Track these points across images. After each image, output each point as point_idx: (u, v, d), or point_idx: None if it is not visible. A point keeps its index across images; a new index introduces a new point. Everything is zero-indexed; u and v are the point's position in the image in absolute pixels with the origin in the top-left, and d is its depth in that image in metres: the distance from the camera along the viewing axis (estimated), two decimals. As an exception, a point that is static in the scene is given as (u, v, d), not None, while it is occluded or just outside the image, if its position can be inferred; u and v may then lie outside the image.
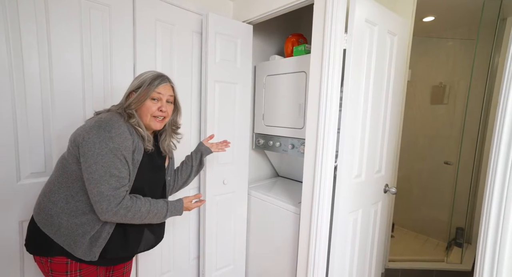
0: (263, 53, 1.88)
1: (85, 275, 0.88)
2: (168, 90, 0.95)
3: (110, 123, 0.80)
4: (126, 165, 0.82)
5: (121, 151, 0.80)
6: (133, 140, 0.85)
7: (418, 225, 2.64)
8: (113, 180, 0.79)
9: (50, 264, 0.85)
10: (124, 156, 0.81)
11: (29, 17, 1.01)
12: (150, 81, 0.90)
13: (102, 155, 0.77)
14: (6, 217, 1.04)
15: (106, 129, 0.79)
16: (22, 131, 1.04)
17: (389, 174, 1.55)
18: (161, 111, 0.92)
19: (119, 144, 0.79)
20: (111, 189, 0.79)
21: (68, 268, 0.85)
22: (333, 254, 1.27)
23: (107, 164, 0.78)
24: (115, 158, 0.79)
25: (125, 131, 0.82)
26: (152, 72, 0.94)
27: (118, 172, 0.80)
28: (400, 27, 1.43)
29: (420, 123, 2.58)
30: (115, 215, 0.81)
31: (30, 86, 1.04)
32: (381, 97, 1.38)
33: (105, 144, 0.78)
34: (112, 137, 0.78)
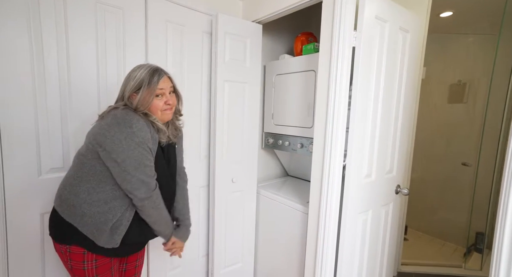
0: (273, 52, 1.88)
1: (100, 265, 0.92)
2: (167, 82, 0.97)
3: (128, 119, 0.84)
4: (151, 155, 0.90)
5: (146, 143, 0.87)
6: (151, 132, 0.89)
7: (434, 228, 2.55)
8: (147, 169, 0.88)
9: (69, 254, 0.90)
10: (149, 147, 0.88)
11: (49, 19, 1.07)
12: (149, 80, 0.91)
13: (132, 150, 0.84)
14: (28, 209, 1.11)
15: (126, 125, 0.83)
16: (42, 129, 1.11)
17: (401, 174, 1.51)
18: (168, 104, 0.96)
19: (142, 138, 0.85)
20: (148, 177, 0.88)
21: (84, 258, 0.90)
22: (341, 255, 1.26)
23: (139, 156, 0.85)
24: (144, 151, 0.86)
25: (144, 125, 0.87)
26: (144, 68, 0.93)
27: (149, 162, 0.89)
28: (413, 23, 1.39)
29: (436, 123, 2.49)
30: (151, 199, 0.90)
31: (50, 85, 1.11)
32: (393, 96, 1.35)
33: (130, 140, 0.83)
34: (134, 132, 0.84)
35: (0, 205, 1.04)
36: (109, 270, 0.95)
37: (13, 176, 1.06)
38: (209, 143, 1.61)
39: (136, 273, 1.15)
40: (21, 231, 1.10)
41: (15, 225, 1.08)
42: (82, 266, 0.90)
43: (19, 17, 1.01)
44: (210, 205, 1.61)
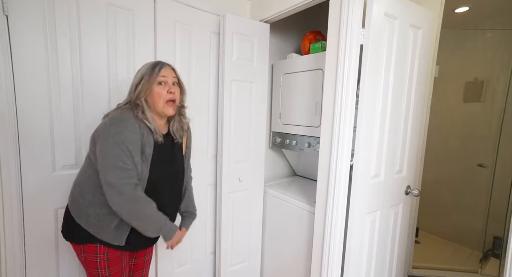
0: (281, 51, 1.87)
1: (111, 258, 0.95)
2: (170, 72, 0.97)
3: (119, 118, 0.86)
4: (131, 158, 0.85)
5: (126, 144, 0.83)
6: (142, 133, 0.88)
7: (448, 232, 2.46)
8: (118, 171, 0.83)
9: (83, 247, 0.94)
10: (128, 149, 0.84)
11: (63, 23, 1.12)
12: (151, 70, 0.93)
13: (108, 149, 0.83)
14: (43, 204, 1.16)
15: (115, 123, 0.85)
16: (56, 127, 1.15)
17: (411, 175, 1.47)
18: (171, 92, 0.95)
19: (125, 138, 0.83)
20: (117, 179, 0.83)
21: (97, 251, 0.93)
22: (348, 256, 1.24)
23: (113, 156, 0.83)
24: (120, 151, 0.83)
25: (133, 125, 0.86)
26: (148, 63, 0.97)
27: (123, 164, 0.83)
28: (425, 20, 1.34)
29: (450, 122, 2.40)
30: (122, 205, 0.85)
31: (64, 87, 1.15)
32: (402, 95, 1.31)
33: (112, 138, 0.83)
34: (119, 131, 0.83)
35: (18, 200, 1.09)
36: (120, 263, 0.98)
37: (29, 173, 1.11)
38: (216, 142, 1.63)
39: (144, 268, 1.18)
40: (36, 224, 1.15)
41: (31, 219, 1.14)
42: (94, 259, 0.94)
43: (35, 21, 1.06)
44: (217, 204, 1.63)
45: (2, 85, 1.01)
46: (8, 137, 1.04)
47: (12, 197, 1.08)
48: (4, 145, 1.04)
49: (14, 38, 1.03)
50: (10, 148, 1.05)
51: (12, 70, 1.04)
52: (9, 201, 1.07)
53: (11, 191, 1.07)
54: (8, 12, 1.00)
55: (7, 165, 1.05)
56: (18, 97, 1.06)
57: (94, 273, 0.95)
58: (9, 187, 1.06)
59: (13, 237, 1.09)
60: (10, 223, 1.08)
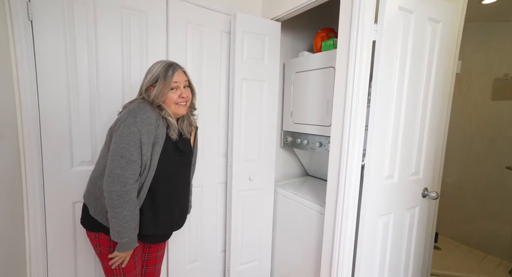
0: (293, 50, 1.85)
1: None
2: (182, 76, 1.00)
3: (137, 110, 0.89)
4: (139, 149, 0.88)
5: (140, 135, 0.86)
6: (158, 125, 0.92)
7: (473, 239, 2.31)
8: (122, 161, 0.86)
9: (98, 240, 0.99)
10: (140, 140, 0.87)
11: (81, 25, 1.18)
12: (165, 73, 0.95)
13: (121, 137, 0.86)
14: (62, 198, 1.23)
15: (133, 115, 0.88)
16: (74, 125, 1.22)
17: (429, 176, 1.40)
18: (182, 97, 0.99)
19: (139, 129, 0.86)
20: (118, 168, 0.86)
21: (111, 244, 0.98)
22: (359, 259, 1.20)
23: (122, 146, 0.86)
24: (130, 141, 0.86)
25: (150, 117, 0.89)
26: (161, 63, 0.99)
27: (129, 155, 0.86)
28: (446, 12, 1.27)
29: (476, 122, 2.25)
30: (110, 194, 0.86)
31: (81, 86, 1.21)
32: (419, 92, 1.25)
33: (127, 128, 0.86)
34: (136, 121, 0.87)
35: (40, 193, 1.17)
36: (133, 257, 1.02)
37: (50, 168, 1.18)
38: (227, 140, 1.64)
39: (156, 263, 1.21)
40: (56, 217, 1.22)
41: (51, 212, 1.21)
42: (109, 252, 0.98)
43: (56, 26, 1.13)
44: (227, 202, 1.64)
45: (27, 86, 1.08)
46: (32, 136, 1.12)
47: (35, 192, 1.15)
48: (28, 143, 1.11)
49: (38, 41, 1.10)
50: (34, 146, 1.13)
51: (35, 71, 1.11)
52: (32, 196, 1.15)
53: (34, 187, 1.15)
54: (32, 17, 1.07)
55: (31, 162, 1.13)
56: (40, 97, 1.13)
57: (108, 265, 0.99)
58: (33, 182, 1.14)
59: (36, 228, 1.17)
60: (33, 216, 1.16)
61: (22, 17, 1.04)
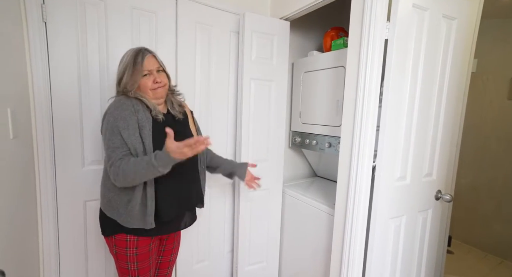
0: (302, 49, 1.83)
1: (140, 253, 0.99)
2: (153, 62, 0.97)
3: (112, 104, 0.93)
4: (119, 135, 0.89)
5: (116, 122, 0.88)
6: (136, 110, 0.91)
7: (488, 243, 2.24)
8: (109, 151, 0.90)
9: (114, 240, 0.99)
10: (118, 127, 0.88)
11: (93, 26, 1.20)
12: (134, 61, 0.93)
13: (103, 131, 0.91)
14: (74, 197, 1.25)
15: (109, 108, 0.92)
16: (86, 125, 1.24)
17: (442, 178, 1.36)
18: (157, 82, 0.96)
19: (115, 117, 0.89)
20: (108, 160, 0.91)
21: (127, 245, 0.98)
22: (370, 263, 1.17)
23: (106, 138, 0.90)
24: (110, 131, 0.89)
25: (124, 103, 0.90)
26: (129, 51, 0.97)
27: (112, 144, 0.89)
28: (461, 9, 1.23)
29: (492, 122, 2.18)
30: (115, 181, 0.90)
31: (92, 86, 1.23)
32: (433, 92, 1.22)
33: (106, 122, 0.90)
34: (111, 112, 0.90)
35: (52, 192, 1.19)
36: (148, 259, 1.02)
37: (62, 167, 1.20)
38: (235, 140, 1.64)
39: (169, 267, 1.21)
40: (68, 215, 1.24)
41: (63, 210, 1.23)
42: (125, 252, 0.98)
43: (69, 26, 1.15)
44: (235, 203, 1.64)
45: (41, 86, 1.11)
46: (45, 135, 1.14)
47: (48, 191, 1.17)
48: (42, 143, 1.14)
49: (51, 42, 1.12)
50: (47, 145, 1.15)
51: (49, 72, 1.13)
52: (45, 194, 1.17)
53: (47, 185, 1.17)
54: (46, 19, 1.09)
55: (44, 161, 1.15)
56: (53, 97, 1.15)
57: (123, 265, 0.99)
58: (46, 181, 1.16)
59: (49, 227, 1.19)
60: (46, 214, 1.18)
61: (36, 19, 1.07)
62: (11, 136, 0.89)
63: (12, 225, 0.91)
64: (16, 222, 0.96)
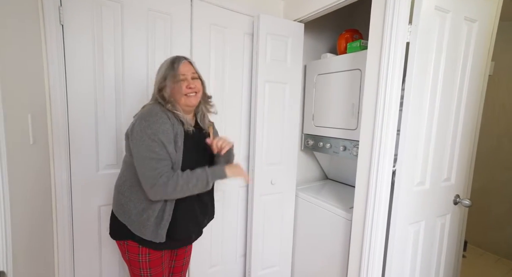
0: (314, 51, 1.82)
1: (152, 259, 0.98)
2: (188, 68, 0.97)
3: (148, 113, 0.89)
4: (164, 148, 0.87)
5: (158, 135, 0.86)
6: (173, 124, 0.90)
7: (501, 247, 2.21)
8: (153, 163, 0.86)
9: (127, 246, 0.97)
10: (161, 140, 0.86)
11: (109, 29, 1.19)
12: (171, 68, 0.94)
13: (142, 142, 0.86)
14: (89, 201, 1.24)
15: (145, 118, 0.87)
16: (101, 129, 1.22)
17: (461, 183, 1.34)
18: (190, 88, 0.95)
19: (155, 130, 0.86)
20: (151, 170, 0.86)
21: (139, 251, 0.96)
22: (389, 269, 1.16)
23: (146, 148, 0.86)
24: (153, 142, 0.86)
25: (162, 117, 0.88)
26: (166, 61, 0.98)
27: (156, 155, 0.86)
28: (482, 11, 1.21)
29: (504, 125, 2.15)
30: (156, 194, 0.87)
31: (107, 90, 1.22)
32: (453, 95, 1.20)
33: (144, 132, 0.86)
34: (149, 124, 0.86)
35: (68, 196, 1.17)
36: (161, 265, 1.01)
37: (77, 171, 1.19)
38: (248, 143, 1.62)
39: (182, 271, 1.19)
40: (83, 220, 1.23)
41: (78, 215, 1.22)
42: (137, 258, 0.97)
43: (85, 29, 1.14)
44: (249, 206, 1.62)
45: (57, 90, 1.09)
46: (61, 139, 1.13)
47: (63, 195, 1.16)
48: (58, 147, 1.12)
49: (68, 45, 1.11)
50: (62, 150, 1.14)
51: (65, 76, 1.12)
52: (61, 199, 1.16)
53: (63, 190, 1.16)
54: (63, 22, 1.08)
55: (60, 166, 1.14)
56: (69, 101, 1.14)
57: (136, 272, 0.98)
58: (61, 186, 1.15)
59: (64, 231, 1.18)
60: (61, 218, 1.17)
61: (54, 21, 1.05)
62: (31, 142, 0.88)
63: (29, 231, 0.90)
64: (32, 226, 0.94)
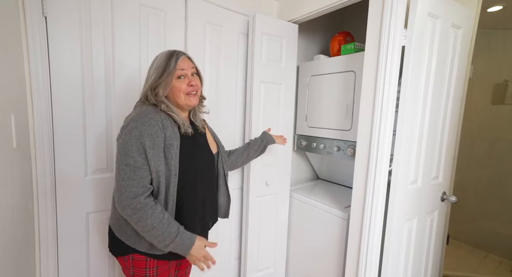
0: (306, 53, 1.83)
1: (161, 272, 0.90)
2: (188, 63, 0.90)
3: (139, 115, 0.80)
4: (143, 154, 0.78)
5: (142, 138, 0.77)
6: (166, 126, 0.82)
7: (474, 238, 2.38)
8: (128, 169, 0.76)
9: (132, 261, 0.88)
10: (143, 145, 0.77)
11: (98, 23, 1.10)
12: (167, 62, 0.85)
13: (123, 144, 0.78)
14: (76, 208, 1.14)
15: (135, 120, 0.79)
16: (89, 130, 1.14)
17: (447, 181, 1.42)
18: (192, 85, 0.88)
19: (141, 131, 0.77)
20: (124, 179, 0.77)
21: (147, 265, 0.88)
22: (386, 264, 1.19)
23: (124, 153, 0.77)
24: (132, 147, 0.77)
25: (152, 118, 0.80)
26: (161, 53, 0.88)
27: (133, 161, 0.77)
28: (465, 19, 1.29)
29: (477, 125, 2.32)
30: (123, 209, 0.77)
31: (97, 88, 1.13)
32: (441, 97, 1.26)
33: (128, 134, 0.78)
34: (137, 126, 0.78)
35: (51, 203, 1.07)
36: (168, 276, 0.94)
37: (63, 176, 1.09)
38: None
39: None
40: (69, 228, 1.13)
41: (64, 223, 1.12)
42: (144, 273, 0.88)
43: (72, 22, 1.04)
44: (244, 208, 1.59)
45: (40, 87, 1.00)
46: (45, 142, 1.03)
47: (47, 203, 1.06)
48: (41, 150, 1.02)
49: (52, 39, 1.02)
50: (46, 153, 1.04)
51: (49, 72, 1.02)
52: (44, 207, 1.06)
53: (46, 197, 1.06)
54: (47, 13, 0.99)
55: (43, 170, 1.04)
56: (54, 100, 1.05)
57: None
58: (44, 192, 1.05)
59: (48, 242, 1.08)
60: (44, 228, 1.07)
61: (36, 12, 0.96)
62: (15, 145, 0.79)
63: (6, 242, 0.81)
64: (11, 236, 0.85)
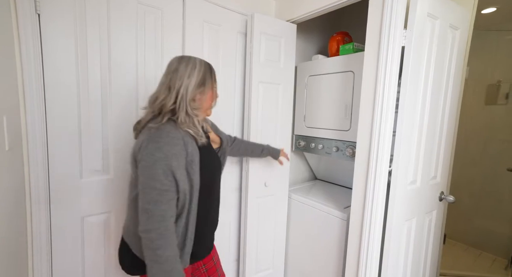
0: (304, 53, 1.83)
1: None
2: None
3: (158, 134, 0.76)
4: (171, 176, 0.75)
5: (167, 160, 0.74)
6: (186, 142, 0.79)
7: (469, 237, 2.41)
8: (154, 193, 0.73)
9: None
10: (169, 166, 0.74)
11: (93, 22, 1.07)
12: (209, 73, 0.87)
13: (148, 167, 0.74)
14: (71, 212, 1.11)
15: (155, 140, 0.75)
16: (84, 132, 1.10)
17: (444, 180, 1.43)
18: (217, 96, 0.95)
19: (165, 153, 0.74)
20: (151, 203, 0.73)
21: None
22: (386, 264, 1.19)
23: (150, 176, 0.73)
24: (158, 170, 0.73)
25: (174, 137, 0.76)
26: (198, 62, 0.85)
27: (160, 185, 0.73)
28: (463, 20, 1.31)
29: (471, 125, 2.36)
30: (147, 233, 0.72)
31: (92, 88, 1.10)
32: (439, 97, 1.27)
33: (151, 156, 0.74)
34: (159, 146, 0.74)
35: (45, 206, 1.04)
36: None
37: (57, 178, 1.06)
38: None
39: (217, 269, 1.10)
40: (63, 233, 1.10)
41: (58, 227, 1.08)
42: None
43: (66, 20, 1.01)
44: (243, 209, 1.58)
45: (33, 87, 0.96)
46: (38, 143, 0.99)
47: (40, 206, 1.02)
48: (34, 152, 0.99)
49: (45, 37, 0.98)
50: (39, 155, 1.00)
51: (42, 71, 0.99)
52: (37, 211, 1.02)
53: (40, 201, 1.02)
54: (40, 10, 0.95)
55: (36, 173, 1.00)
56: (47, 100, 1.01)
57: None
58: (37, 196, 1.01)
59: (41, 247, 1.04)
60: (38, 233, 1.03)
61: (29, 10, 0.92)
62: (7, 148, 0.75)
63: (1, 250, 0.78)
64: (3, 242, 0.82)
